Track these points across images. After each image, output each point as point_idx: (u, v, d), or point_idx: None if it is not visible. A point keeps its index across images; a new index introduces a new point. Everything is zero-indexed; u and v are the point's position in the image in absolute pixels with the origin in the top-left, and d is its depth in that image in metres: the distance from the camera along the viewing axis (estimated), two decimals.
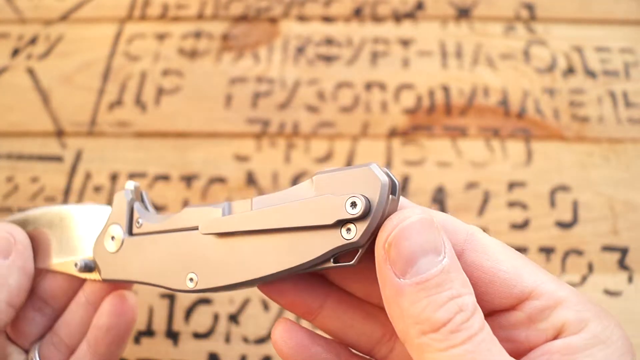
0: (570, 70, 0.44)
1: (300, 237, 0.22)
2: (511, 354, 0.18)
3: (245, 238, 0.23)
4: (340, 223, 0.21)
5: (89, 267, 0.27)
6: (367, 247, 0.21)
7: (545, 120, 0.42)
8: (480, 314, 0.18)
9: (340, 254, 0.21)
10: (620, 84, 0.43)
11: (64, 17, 0.48)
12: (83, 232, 0.28)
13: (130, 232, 0.26)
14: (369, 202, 0.20)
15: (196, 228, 0.24)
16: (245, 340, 0.36)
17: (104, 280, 0.26)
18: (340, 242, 0.21)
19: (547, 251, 0.38)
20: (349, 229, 0.20)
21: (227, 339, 0.36)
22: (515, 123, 0.42)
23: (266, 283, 0.24)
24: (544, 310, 0.20)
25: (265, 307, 0.36)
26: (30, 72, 0.46)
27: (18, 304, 0.26)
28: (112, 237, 0.26)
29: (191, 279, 0.24)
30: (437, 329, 0.18)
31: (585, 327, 0.19)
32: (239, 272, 0.23)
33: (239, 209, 0.24)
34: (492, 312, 0.21)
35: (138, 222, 0.26)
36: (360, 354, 0.24)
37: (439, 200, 0.39)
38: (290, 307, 0.24)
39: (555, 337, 0.19)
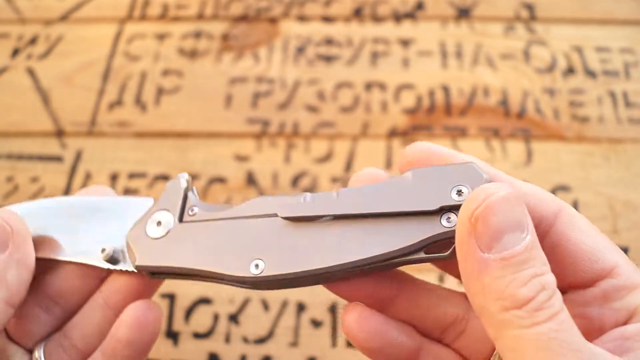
0: (570, 70, 0.44)
1: (393, 224, 0.20)
2: (582, 331, 0.18)
3: (329, 226, 0.21)
4: (442, 210, 0.20)
5: (116, 258, 0.24)
6: None
7: (545, 120, 0.42)
8: (559, 293, 0.18)
9: (432, 245, 0.20)
10: (620, 84, 0.43)
11: (64, 17, 0.48)
12: (115, 224, 0.25)
13: (181, 220, 0.24)
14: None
15: (269, 216, 0.22)
16: (245, 340, 0.36)
17: (137, 268, 0.24)
18: (440, 230, 0.20)
19: None
20: (449, 218, 0.20)
21: (227, 339, 0.36)
22: (515, 123, 0.42)
23: (337, 281, 0.22)
24: (621, 290, 0.20)
25: (265, 307, 0.36)
26: (30, 72, 0.46)
27: (17, 301, 0.24)
28: (159, 223, 0.24)
29: (257, 265, 0.21)
30: (521, 305, 0.17)
31: None
32: (315, 259, 0.21)
33: (323, 197, 0.22)
34: (568, 289, 0.21)
35: (192, 210, 0.24)
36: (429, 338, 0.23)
37: None
38: (364, 302, 0.23)
39: (627, 321, 0.20)
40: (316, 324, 0.36)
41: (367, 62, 0.45)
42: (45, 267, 0.26)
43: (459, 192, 0.20)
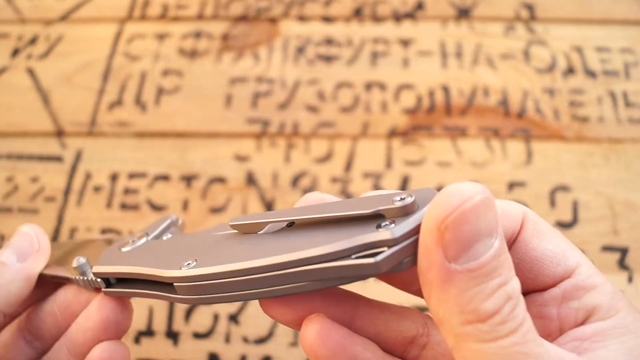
0: (570, 70, 0.44)
1: (331, 230, 0.19)
2: (540, 331, 0.18)
3: (272, 236, 0.21)
4: (380, 217, 0.19)
5: (85, 269, 0.25)
6: (396, 250, 0.18)
7: (545, 120, 0.42)
8: (522, 301, 0.17)
9: (367, 252, 0.18)
10: (620, 84, 0.43)
11: (64, 17, 0.48)
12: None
13: (152, 238, 0.25)
14: (418, 204, 0.18)
15: (223, 228, 0.23)
16: (245, 340, 0.36)
17: (94, 275, 0.24)
18: (373, 236, 0.18)
19: None
20: (386, 225, 0.18)
21: (227, 339, 0.36)
22: (515, 123, 0.42)
23: (277, 300, 0.21)
24: (579, 290, 0.20)
25: None
26: (30, 72, 0.46)
27: (10, 312, 0.25)
28: (133, 242, 0.25)
29: (188, 264, 0.21)
30: (485, 319, 0.17)
31: (616, 314, 0.19)
32: (245, 260, 0.20)
33: (274, 211, 0.22)
34: (529, 292, 0.21)
35: (167, 235, 0.25)
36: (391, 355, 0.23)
37: None
38: None
39: (584, 321, 0.19)
40: None
41: (367, 62, 0.45)
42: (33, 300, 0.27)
43: (402, 198, 0.19)
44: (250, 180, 0.41)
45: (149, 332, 0.36)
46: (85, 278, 0.25)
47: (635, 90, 0.43)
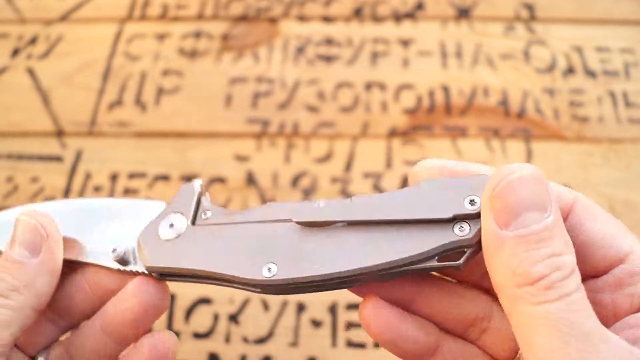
0: (570, 70, 0.44)
1: (406, 232, 0.20)
2: None
3: (343, 232, 0.21)
4: (455, 219, 0.20)
5: (127, 259, 0.24)
6: (474, 249, 0.20)
7: (545, 120, 0.42)
8: (578, 277, 0.18)
9: (445, 254, 0.20)
10: (620, 84, 0.43)
11: (64, 17, 0.48)
12: (127, 226, 0.25)
13: (193, 222, 0.24)
14: None
15: (283, 221, 0.22)
16: (245, 340, 0.36)
17: (148, 269, 0.23)
18: (452, 238, 0.20)
19: None
20: (461, 227, 0.20)
21: (227, 339, 0.36)
22: (515, 123, 0.42)
23: (347, 287, 0.22)
24: (635, 275, 0.20)
25: (265, 307, 0.36)
26: (30, 72, 0.46)
27: (43, 307, 0.24)
28: (171, 225, 0.24)
29: (269, 269, 0.21)
30: (532, 282, 0.18)
31: None
32: (327, 265, 0.21)
33: (337, 203, 0.22)
34: (583, 277, 0.21)
35: (205, 214, 0.24)
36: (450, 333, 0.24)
37: None
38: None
39: None
40: (316, 324, 0.36)
41: (367, 62, 0.45)
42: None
43: (472, 202, 0.20)
44: (250, 180, 0.41)
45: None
46: (132, 270, 0.24)
47: (635, 90, 0.43)
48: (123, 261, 0.24)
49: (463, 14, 0.47)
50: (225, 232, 0.23)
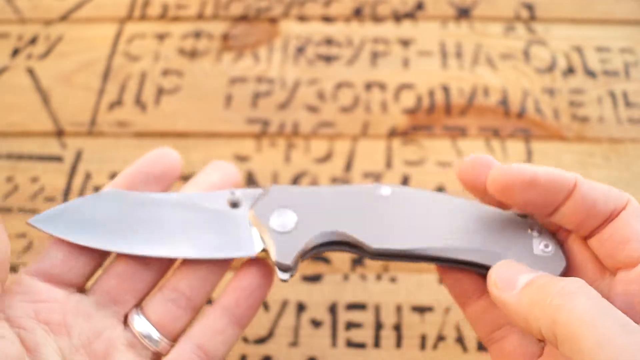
0: (570, 70, 0.44)
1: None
2: (625, 307, 0.21)
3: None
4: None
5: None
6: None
7: (545, 121, 0.42)
8: None
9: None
10: (621, 84, 0.43)
11: (64, 17, 0.48)
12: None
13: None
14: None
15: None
16: (245, 340, 0.35)
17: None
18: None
19: None
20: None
21: None
22: (515, 123, 0.42)
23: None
24: None
25: (265, 307, 0.36)
26: (30, 72, 0.46)
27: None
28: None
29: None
30: None
31: None
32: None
33: None
34: (618, 269, 0.23)
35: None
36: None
37: None
38: (451, 286, 0.28)
39: None
40: (316, 324, 0.36)
41: (367, 62, 0.45)
42: None
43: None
44: (250, 180, 0.41)
45: None
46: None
47: (636, 90, 0.43)
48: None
49: (463, 14, 0.47)
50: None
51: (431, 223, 0.26)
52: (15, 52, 0.47)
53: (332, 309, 0.36)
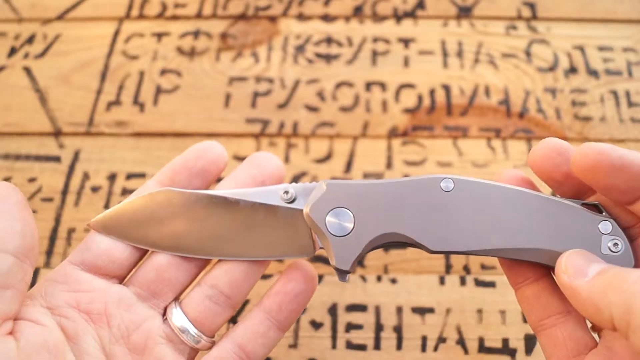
0: (572, 70, 0.44)
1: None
2: None
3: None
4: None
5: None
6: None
7: (547, 120, 0.42)
8: None
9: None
10: (623, 83, 0.43)
11: (61, 16, 0.48)
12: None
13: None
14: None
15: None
16: None
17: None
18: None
19: None
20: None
21: None
22: (517, 123, 0.42)
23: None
24: None
25: None
26: (28, 71, 0.45)
27: (12, 249, 0.24)
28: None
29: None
30: None
31: None
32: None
33: None
34: None
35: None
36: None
37: None
38: (507, 266, 0.27)
39: None
40: (316, 325, 0.35)
41: (368, 61, 0.45)
42: None
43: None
44: None
45: None
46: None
47: (638, 89, 0.43)
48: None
49: (464, 12, 0.47)
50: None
51: (494, 221, 0.25)
52: (13, 52, 0.46)
53: (332, 310, 0.36)
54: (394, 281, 0.36)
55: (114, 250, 0.27)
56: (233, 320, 0.36)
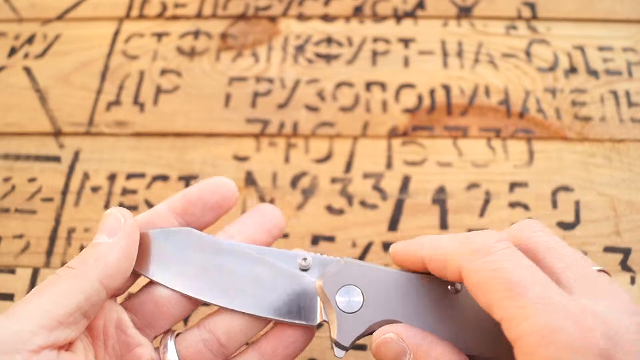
0: (572, 70, 0.44)
1: None
2: None
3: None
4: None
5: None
6: None
7: (547, 120, 0.42)
8: None
9: None
10: (623, 83, 0.43)
11: (61, 16, 0.48)
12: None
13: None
14: None
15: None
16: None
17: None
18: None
19: None
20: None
21: None
22: (517, 123, 0.42)
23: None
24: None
25: None
26: (28, 71, 0.45)
27: (111, 285, 0.25)
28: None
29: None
30: None
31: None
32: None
33: None
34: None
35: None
36: None
37: (440, 200, 0.39)
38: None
39: None
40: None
41: (368, 61, 0.45)
42: None
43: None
44: (250, 180, 0.40)
45: None
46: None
47: (638, 89, 0.43)
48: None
49: (464, 12, 0.47)
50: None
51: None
52: (13, 52, 0.46)
53: None
54: None
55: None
56: None
